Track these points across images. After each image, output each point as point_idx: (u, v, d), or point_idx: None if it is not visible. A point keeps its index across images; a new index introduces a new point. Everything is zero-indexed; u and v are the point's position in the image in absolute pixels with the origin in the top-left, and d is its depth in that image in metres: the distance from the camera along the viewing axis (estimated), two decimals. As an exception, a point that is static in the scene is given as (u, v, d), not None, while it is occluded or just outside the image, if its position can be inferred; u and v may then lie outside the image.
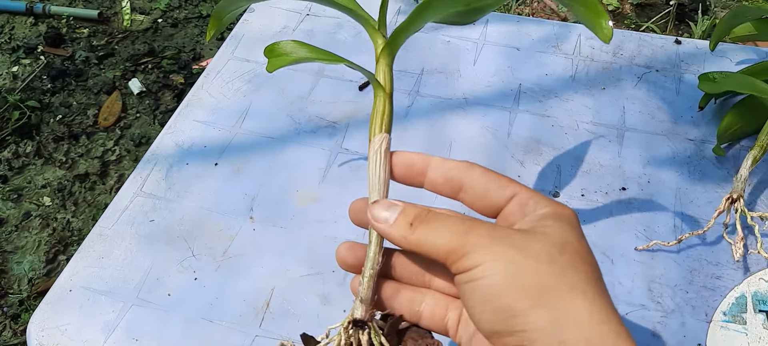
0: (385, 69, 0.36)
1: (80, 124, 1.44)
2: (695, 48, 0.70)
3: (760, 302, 0.50)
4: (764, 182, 0.57)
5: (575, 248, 0.29)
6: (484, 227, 0.30)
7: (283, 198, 0.56)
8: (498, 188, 0.32)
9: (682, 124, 0.62)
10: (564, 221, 0.30)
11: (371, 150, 0.34)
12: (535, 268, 0.28)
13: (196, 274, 0.51)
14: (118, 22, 1.73)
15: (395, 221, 0.31)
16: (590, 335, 0.26)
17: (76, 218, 1.26)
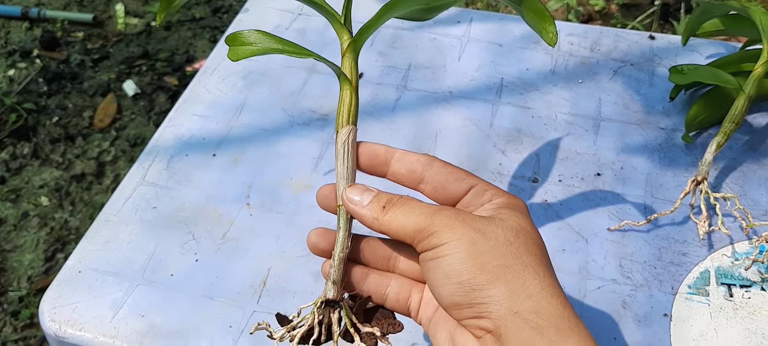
0: (350, 63, 0.39)
1: (76, 126, 1.47)
2: (668, 43, 0.74)
3: (722, 276, 0.53)
4: (729, 166, 0.61)
5: (528, 232, 0.33)
6: (449, 210, 0.33)
7: (278, 186, 0.60)
8: (456, 180, 0.36)
9: (654, 114, 0.66)
10: (518, 210, 0.34)
11: (339, 141, 0.36)
12: (494, 248, 0.31)
13: (197, 256, 0.54)
14: (113, 26, 1.76)
15: (369, 203, 0.34)
16: (540, 305, 0.30)
17: (74, 217, 1.29)
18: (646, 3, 1.83)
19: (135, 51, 1.67)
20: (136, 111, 1.50)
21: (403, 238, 0.33)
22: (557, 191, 0.59)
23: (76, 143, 1.42)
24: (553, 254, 0.54)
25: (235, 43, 0.38)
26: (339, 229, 0.36)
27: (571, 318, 0.30)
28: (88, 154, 1.40)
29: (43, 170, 1.37)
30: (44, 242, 1.24)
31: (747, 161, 0.62)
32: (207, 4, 1.84)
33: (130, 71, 1.61)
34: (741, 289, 0.53)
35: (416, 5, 0.36)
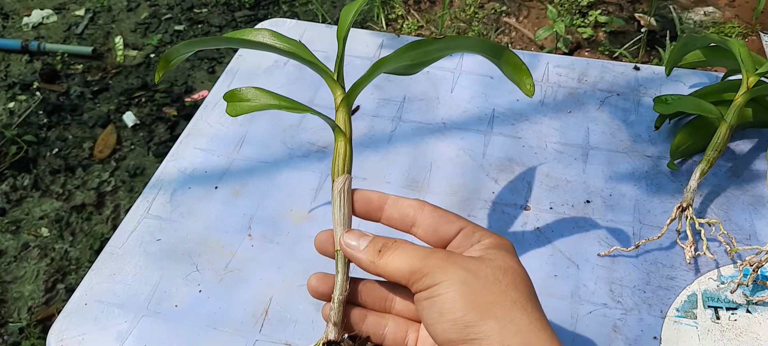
0: (344, 116, 0.41)
1: (76, 157, 1.49)
2: (652, 74, 0.77)
3: (708, 299, 0.55)
4: (713, 192, 0.63)
5: (516, 271, 0.35)
6: (441, 252, 0.35)
7: (279, 217, 0.61)
8: (447, 222, 0.38)
9: (641, 143, 0.68)
10: (505, 250, 0.36)
11: (334, 190, 0.38)
12: (484, 286, 0.33)
13: (200, 286, 0.56)
14: (112, 58, 1.79)
15: (365, 248, 0.37)
16: (529, 339, 0.32)
17: (74, 248, 1.30)
18: (633, 31, 1.87)
19: (134, 82, 1.70)
20: (136, 142, 1.53)
21: (399, 279, 0.35)
22: (548, 218, 0.61)
23: (76, 174, 1.44)
24: (545, 280, 0.56)
25: (233, 99, 0.41)
26: (337, 273, 0.38)
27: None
28: (88, 184, 1.42)
29: (43, 201, 1.38)
30: (44, 272, 1.25)
31: (730, 187, 0.64)
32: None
33: (130, 102, 1.63)
34: (727, 311, 0.55)
35: (404, 62, 0.38)
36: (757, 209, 0.62)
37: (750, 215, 0.61)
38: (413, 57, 0.38)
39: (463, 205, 0.62)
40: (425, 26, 1.91)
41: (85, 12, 1.97)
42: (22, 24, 1.91)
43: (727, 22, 1.88)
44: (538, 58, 0.79)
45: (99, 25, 1.92)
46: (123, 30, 1.90)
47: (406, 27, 1.90)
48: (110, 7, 1.99)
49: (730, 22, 1.88)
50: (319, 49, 0.81)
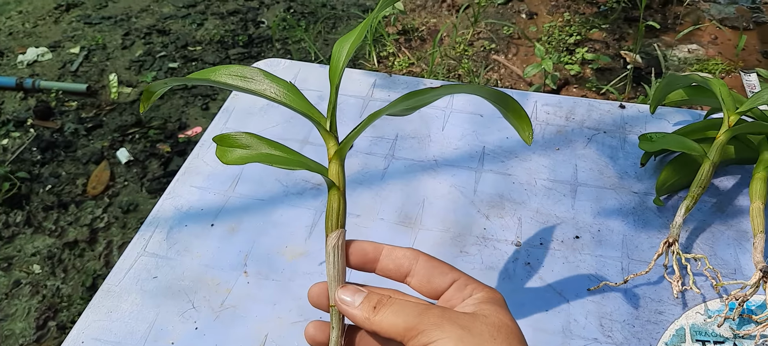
0: (337, 169, 0.40)
1: (69, 194, 1.49)
2: (638, 112, 0.79)
3: (696, 333, 0.56)
4: (699, 228, 0.65)
5: (510, 327, 0.36)
6: (437, 309, 0.36)
7: (274, 254, 0.62)
8: (440, 274, 0.38)
9: (627, 179, 0.70)
10: (497, 305, 0.37)
11: (328, 246, 0.38)
12: (479, 344, 0.34)
13: (196, 323, 0.56)
14: (106, 95, 1.80)
15: (360, 304, 0.37)
16: None
17: (66, 285, 1.30)
18: (619, 67, 1.91)
19: (128, 119, 1.71)
20: (129, 178, 1.53)
21: (394, 336, 0.35)
22: (539, 254, 0.63)
23: (69, 211, 1.44)
24: (536, 315, 0.57)
25: (224, 143, 0.40)
26: (332, 328, 0.38)
27: None
28: (81, 221, 1.42)
29: (35, 238, 1.38)
30: (36, 310, 1.25)
31: (715, 222, 0.66)
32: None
33: (124, 139, 1.65)
34: (715, 345, 0.56)
35: (400, 108, 0.39)
36: (741, 244, 0.63)
37: (735, 249, 0.63)
38: (410, 104, 0.38)
39: (456, 241, 0.64)
40: (416, 63, 1.95)
41: (79, 50, 1.99)
42: (17, 61, 1.93)
43: (710, 59, 1.93)
44: (527, 97, 0.82)
45: (94, 62, 1.94)
46: (117, 67, 1.92)
47: (397, 64, 1.93)
48: (105, 45, 2.02)
49: (714, 59, 1.92)
50: (313, 89, 0.83)
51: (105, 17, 2.16)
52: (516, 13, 2.17)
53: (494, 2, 2.21)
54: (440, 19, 2.14)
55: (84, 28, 2.10)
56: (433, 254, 0.51)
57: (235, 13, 2.19)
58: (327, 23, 2.14)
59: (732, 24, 2.11)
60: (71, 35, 2.07)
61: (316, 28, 2.10)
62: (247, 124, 0.77)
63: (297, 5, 2.24)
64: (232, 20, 2.15)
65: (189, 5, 2.23)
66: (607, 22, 2.11)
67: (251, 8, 2.22)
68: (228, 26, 2.12)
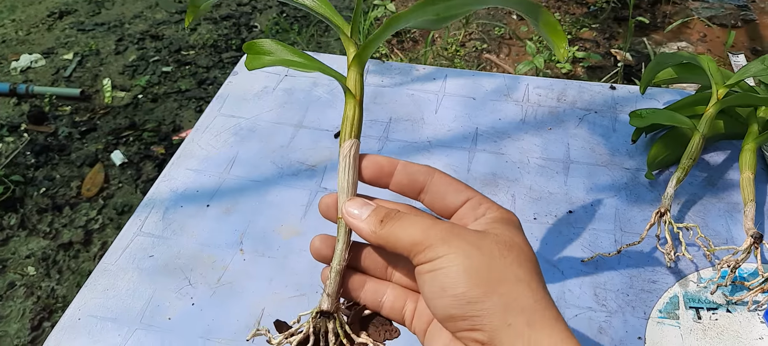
0: (356, 76, 0.38)
1: (64, 196, 1.49)
2: (628, 93, 0.80)
3: (690, 300, 0.57)
4: (690, 201, 0.66)
5: (520, 247, 0.34)
6: (444, 224, 0.34)
7: (270, 232, 0.63)
8: (454, 192, 0.36)
9: (619, 156, 0.71)
10: (511, 225, 0.35)
11: (341, 154, 0.37)
12: (488, 262, 0.32)
13: (193, 300, 0.56)
14: (100, 99, 1.81)
15: (367, 217, 0.35)
16: (533, 318, 0.31)
17: (61, 286, 1.29)
18: (610, 65, 1.93)
19: (122, 122, 1.71)
20: (124, 180, 1.53)
21: (400, 251, 0.34)
22: (534, 229, 0.63)
23: (64, 213, 1.44)
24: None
25: (252, 50, 0.38)
26: (338, 241, 0.37)
27: (563, 331, 0.31)
28: (76, 223, 1.42)
29: (30, 240, 1.38)
30: (30, 311, 1.24)
31: (706, 195, 0.66)
32: (192, 77, 1.90)
33: (118, 142, 1.65)
34: (708, 311, 0.56)
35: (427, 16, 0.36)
36: (732, 216, 0.64)
37: (726, 221, 0.64)
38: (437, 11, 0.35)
39: (450, 217, 0.64)
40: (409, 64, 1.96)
41: (73, 56, 1.99)
42: (10, 68, 1.93)
43: (700, 56, 1.95)
44: (518, 80, 0.82)
45: (87, 68, 1.94)
46: (111, 72, 1.92)
47: (390, 65, 1.94)
48: (98, 51, 2.02)
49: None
50: (307, 76, 0.83)
51: (98, 24, 2.16)
52: (507, 13, 2.18)
53: (485, 4, 2.22)
54: (432, 21, 2.15)
55: (77, 34, 2.11)
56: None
57: (228, 18, 2.20)
58: (319, 26, 2.16)
59: (720, 22, 2.14)
60: (64, 42, 2.07)
61: (309, 31, 2.11)
62: (241, 110, 0.78)
63: (289, 9, 2.26)
64: (225, 25, 2.16)
65: (182, 10, 2.24)
66: (597, 22, 2.13)
67: (244, 13, 2.23)
68: (221, 30, 2.13)
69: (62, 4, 2.28)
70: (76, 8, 2.26)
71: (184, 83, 1.87)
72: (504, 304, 0.31)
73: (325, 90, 0.81)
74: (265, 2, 2.30)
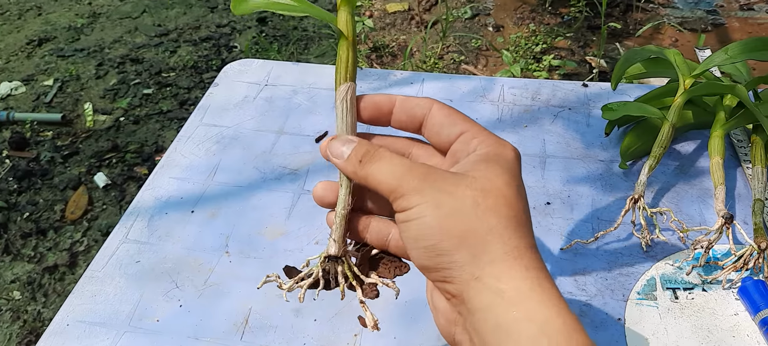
0: (346, 17, 0.36)
1: (48, 220, 1.48)
2: (600, 89, 0.82)
3: (666, 282, 0.59)
4: (663, 188, 0.68)
5: (501, 192, 0.31)
6: (420, 170, 0.32)
7: (255, 234, 0.64)
8: (450, 124, 0.35)
9: (593, 149, 0.73)
10: (497, 163, 0.33)
11: (337, 99, 0.36)
12: (460, 210, 0.30)
13: (181, 302, 0.57)
14: (82, 123, 1.81)
15: (348, 157, 0.34)
16: (501, 270, 0.29)
17: (47, 309, 1.28)
18: (585, 72, 1.97)
19: (104, 145, 1.71)
20: (108, 201, 1.53)
21: (382, 192, 0.33)
22: (512, 221, 0.64)
23: (48, 236, 1.43)
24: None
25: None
26: (341, 186, 0.36)
27: (534, 279, 0.30)
28: (61, 246, 1.41)
29: (14, 265, 1.37)
30: (17, 335, 1.23)
31: (679, 183, 0.68)
32: (174, 98, 1.91)
33: (101, 164, 1.64)
34: (685, 291, 0.58)
35: None
36: (704, 200, 0.66)
37: (698, 205, 0.66)
38: None
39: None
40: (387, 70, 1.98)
41: (53, 82, 1.99)
42: (-11, 96, 1.93)
43: (673, 60, 1.99)
44: (494, 82, 0.85)
45: (68, 93, 1.94)
46: (92, 96, 1.92)
47: (370, 79, 1.96)
48: (79, 76, 2.02)
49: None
50: (287, 84, 0.85)
51: (78, 50, 2.16)
52: (483, 26, 2.22)
53: (461, 17, 2.26)
54: (410, 36, 2.18)
55: (57, 61, 2.11)
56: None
57: (208, 40, 2.22)
58: (299, 44, 2.18)
59: (690, 26, 2.19)
60: (44, 68, 2.07)
61: (289, 50, 2.13)
62: (223, 119, 0.79)
63: (269, 29, 2.28)
64: (204, 46, 2.18)
65: (161, 34, 2.25)
66: (570, 31, 2.17)
67: (223, 34, 2.25)
68: (201, 52, 2.14)
69: (41, 32, 2.28)
70: (56, 35, 2.26)
71: (166, 104, 1.88)
72: (472, 256, 0.30)
73: (305, 97, 0.82)
74: (243, 23, 2.32)
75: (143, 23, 2.33)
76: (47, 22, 2.36)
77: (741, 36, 2.12)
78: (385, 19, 2.27)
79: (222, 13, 2.39)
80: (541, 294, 0.29)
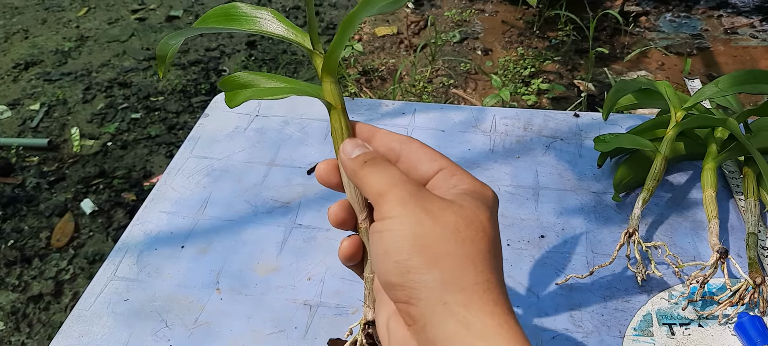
0: (330, 86, 0.37)
1: (32, 247, 1.46)
2: (591, 119, 0.83)
3: (663, 317, 0.58)
4: (657, 221, 0.68)
5: (482, 225, 0.32)
6: (412, 186, 0.32)
7: (246, 270, 0.63)
8: (428, 160, 0.35)
9: (586, 180, 0.73)
10: (480, 199, 0.33)
11: None
12: (439, 233, 0.30)
13: (170, 341, 0.56)
14: (68, 149, 1.79)
15: (356, 157, 0.35)
16: (471, 299, 0.29)
17: (31, 339, 1.26)
18: (573, 96, 1.98)
19: (91, 171, 1.69)
20: (94, 228, 1.51)
21: (368, 196, 0.33)
22: (507, 254, 0.64)
23: (33, 265, 1.41)
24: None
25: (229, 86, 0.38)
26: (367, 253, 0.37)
27: (501, 316, 0.29)
28: (46, 274, 1.39)
29: (-3, 295, 1.34)
30: (-1, 368, 1.20)
31: (672, 215, 0.68)
32: (162, 122, 1.90)
33: (88, 190, 1.62)
34: (681, 327, 0.58)
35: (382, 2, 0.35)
36: (698, 233, 0.66)
37: (692, 238, 0.66)
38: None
39: (425, 247, 0.65)
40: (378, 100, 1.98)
41: (40, 106, 1.98)
42: (-26, 121, 1.90)
43: (660, 83, 2.01)
44: (485, 112, 0.85)
45: (55, 117, 1.93)
46: (79, 121, 1.91)
47: (360, 103, 1.96)
48: (66, 100, 2.01)
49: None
50: (278, 115, 0.84)
51: (65, 73, 2.15)
52: (472, 50, 2.23)
53: (450, 41, 2.27)
54: (399, 59, 2.19)
55: (44, 85, 2.09)
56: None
57: (197, 63, 2.21)
58: (288, 69, 2.18)
59: (677, 50, 2.22)
60: (31, 93, 2.05)
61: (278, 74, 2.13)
62: (213, 151, 0.78)
63: (258, 53, 2.28)
64: (193, 70, 2.17)
65: (150, 58, 2.24)
66: (558, 55, 2.19)
67: (212, 58, 2.25)
68: (190, 76, 2.14)
69: (28, 55, 2.27)
70: (42, 59, 2.25)
71: (154, 129, 1.86)
72: (443, 280, 0.29)
73: (297, 128, 0.82)
74: (233, 47, 2.32)
75: (132, 47, 2.32)
76: (34, 45, 2.34)
77: (726, 60, 2.14)
78: (374, 43, 2.27)
79: (211, 36, 2.39)
80: (508, 332, 0.29)
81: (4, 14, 2.57)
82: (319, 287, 0.61)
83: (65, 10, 2.62)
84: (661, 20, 2.44)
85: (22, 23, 2.50)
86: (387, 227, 0.31)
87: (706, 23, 2.41)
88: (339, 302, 0.59)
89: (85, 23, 2.50)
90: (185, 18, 2.54)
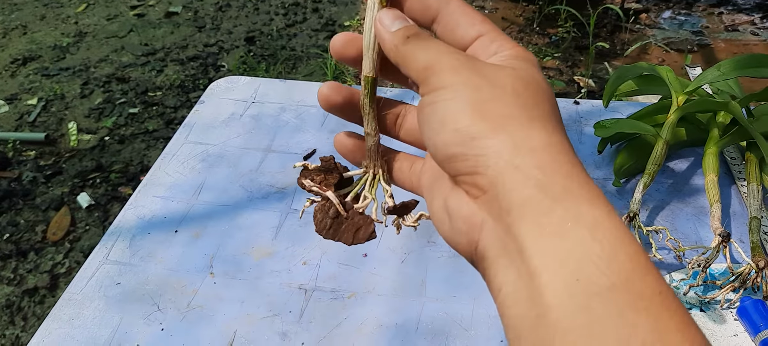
0: None
1: (28, 241, 1.45)
2: (591, 107, 0.82)
3: (663, 302, 0.57)
4: (658, 206, 0.67)
5: (540, 85, 0.30)
6: (460, 54, 0.30)
7: (240, 254, 0.62)
8: (468, 23, 0.32)
9: (587, 167, 0.72)
10: (529, 62, 0.31)
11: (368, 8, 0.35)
12: (500, 96, 0.28)
13: (162, 325, 0.55)
14: (65, 143, 1.78)
15: (396, 30, 0.32)
16: (544, 161, 0.26)
17: (26, 332, 1.25)
18: (574, 92, 1.97)
19: (88, 165, 1.68)
20: (91, 222, 1.50)
21: (413, 74, 0.31)
22: (505, 240, 0.63)
23: (29, 258, 1.40)
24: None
25: None
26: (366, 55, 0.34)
27: (581, 176, 0.27)
28: (41, 268, 1.38)
29: (-8, 288, 1.33)
30: (-7, 361, 1.19)
31: (674, 201, 0.67)
32: (160, 117, 1.89)
33: (84, 184, 1.61)
34: (681, 313, 0.57)
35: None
36: (699, 218, 0.65)
37: (694, 224, 0.65)
38: None
39: (423, 231, 0.64)
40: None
41: (37, 101, 1.97)
42: (-29, 115, 1.89)
43: (660, 79, 2.00)
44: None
45: (52, 112, 1.92)
46: (77, 116, 1.90)
47: (359, 99, 1.95)
48: (63, 95, 2.00)
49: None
50: (274, 102, 0.83)
51: (63, 69, 2.14)
52: (472, 46, 2.22)
53: (451, 37, 2.26)
54: (399, 55, 2.18)
55: (41, 80, 2.08)
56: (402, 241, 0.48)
57: (195, 59, 2.20)
58: (287, 64, 2.17)
59: (677, 47, 2.21)
60: (28, 87, 2.04)
61: (277, 69, 2.12)
62: (208, 137, 0.77)
63: (256, 48, 2.27)
64: (192, 65, 2.16)
65: (148, 53, 2.23)
66: (559, 51, 2.18)
67: (211, 53, 2.24)
68: (188, 71, 2.13)
69: (26, 51, 2.26)
70: (40, 54, 2.24)
71: (152, 124, 1.85)
72: (513, 143, 0.27)
73: (293, 115, 0.81)
74: (231, 42, 2.31)
75: (130, 42, 2.31)
76: (32, 40, 2.33)
77: (726, 56, 2.14)
78: (373, 39, 2.26)
79: (209, 32, 2.38)
80: (589, 192, 0.26)
81: (3, 10, 2.56)
82: (315, 272, 0.60)
83: (64, 6, 2.61)
84: (661, 17, 2.43)
85: (20, 19, 2.49)
86: (441, 97, 0.29)
87: (707, 20, 2.40)
88: (334, 287, 0.58)
89: (83, 19, 2.49)
90: (184, 14, 2.53)
